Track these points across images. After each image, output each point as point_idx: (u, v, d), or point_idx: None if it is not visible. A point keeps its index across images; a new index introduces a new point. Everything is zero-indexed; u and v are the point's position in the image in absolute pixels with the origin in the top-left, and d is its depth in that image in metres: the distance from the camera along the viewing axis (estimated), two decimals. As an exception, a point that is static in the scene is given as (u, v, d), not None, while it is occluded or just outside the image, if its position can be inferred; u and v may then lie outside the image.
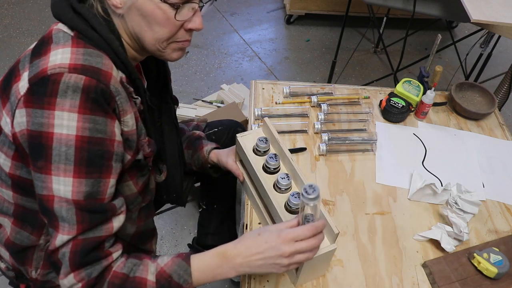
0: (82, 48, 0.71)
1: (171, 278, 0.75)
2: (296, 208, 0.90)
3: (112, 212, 0.76)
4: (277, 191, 0.95)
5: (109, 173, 0.74)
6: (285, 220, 0.86)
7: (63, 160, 0.69)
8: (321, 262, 0.89)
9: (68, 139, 0.68)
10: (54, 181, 0.70)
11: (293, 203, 0.89)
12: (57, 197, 0.71)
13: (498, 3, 1.60)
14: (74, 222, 0.72)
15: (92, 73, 0.69)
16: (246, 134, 1.04)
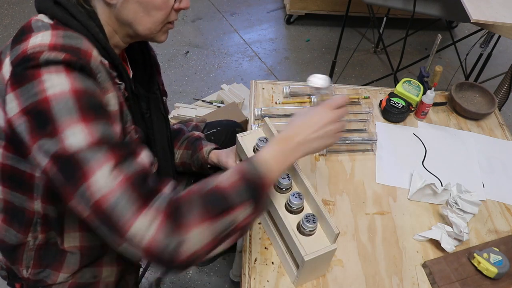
0: (62, 31, 0.72)
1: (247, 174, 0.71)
2: (297, 208, 0.90)
3: (133, 148, 0.71)
4: (277, 191, 0.94)
5: (113, 121, 0.71)
6: (285, 220, 0.87)
7: (66, 113, 0.65)
8: (321, 262, 0.88)
9: (64, 93, 0.66)
10: (66, 136, 0.65)
11: (294, 203, 0.89)
12: (73, 147, 0.64)
13: (498, 3, 1.60)
14: (102, 155, 0.64)
15: (72, 51, 0.69)
16: (247, 134, 1.04)
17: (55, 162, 0.66)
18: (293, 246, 0.85)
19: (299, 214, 0.91)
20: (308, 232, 0.87)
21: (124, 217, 0.62)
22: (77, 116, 0.66)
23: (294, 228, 0.87)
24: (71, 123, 0.65)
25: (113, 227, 0.63)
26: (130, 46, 0.90)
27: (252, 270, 0.94)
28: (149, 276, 1.63)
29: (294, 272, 0.89)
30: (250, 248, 0.98)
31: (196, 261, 0.66)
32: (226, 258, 1.71)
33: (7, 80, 0.69)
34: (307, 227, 0.86)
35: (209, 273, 1.67)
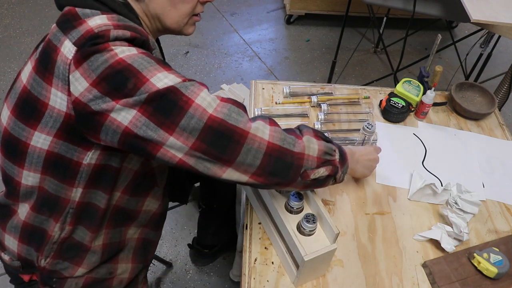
0: (116, 15, 0.76)
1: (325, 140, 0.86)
2: (297, 208, 0.90)
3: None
4: (277, 191, 0.94)
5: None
6: (285, 220, 0.87)
7: (147, 65, 0.70)
8: (321, 262, 0.89)
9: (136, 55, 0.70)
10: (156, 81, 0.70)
11: (294, 203, 0.89)
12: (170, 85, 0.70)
13: (498, 3, 1.60)
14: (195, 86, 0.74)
15: (134, 29, 0.74)
16: None
17: (149, 104, 0.68)
18: (293, 246, 0.85)
19: (299, 214, 0.91)
20: (308, 232, 0.87)
21: (241, 122, 0.73)
22: (158, 66, 0.71)
23: (294, 228, 0.87)
24: (156, 71, 0.70)
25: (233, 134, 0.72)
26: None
27: (252, 270, 0.94)
28: (149, 276, 1.63)
29: (294, 272, 0.89)
30: (250, 248, 0.98)
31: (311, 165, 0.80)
32: (226, 258, 1.71)
33: (71, 59, 0.70)
34: (307, 227, 0.85)
35: (209, 273, 1.67)
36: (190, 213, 1.84)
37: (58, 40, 0.74)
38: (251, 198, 1.05)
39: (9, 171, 0.84)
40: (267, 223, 0.98)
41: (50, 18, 2.81)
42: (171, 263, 1.68)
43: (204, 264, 1.68)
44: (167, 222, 1.80)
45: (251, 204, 1.07)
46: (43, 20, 2.79)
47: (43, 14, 2.84)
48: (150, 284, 1.62)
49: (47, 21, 2.79)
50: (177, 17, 0.84)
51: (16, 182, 0.84)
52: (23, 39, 2.60)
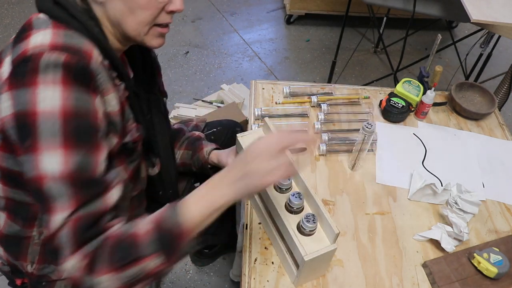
0: (63, 30, 0.72)
1: (161, 223, 0.70)
2: (297, 208, 0.90)
3: (106, 185, 0.71)
4: (277, 191, 0.94)
5: (98, 148, 0.71)
6: (285, 220, 0.87)
7: (50, 134, 0.66)
8: (321, 262, 0.88)
9: (53, 113, 0.66)
10: (43, 159, 0.66)
11: (294, 203, 0.89)
12: (46, 176, 0.66)
13: (498, 3, 1.60)
14: (67, 198, 0.67)
15: (73, 51, 0.69)
16: (247, 134, 1.04)
17: (30, 183, 0.69)
18: (293, 246, 0.85)
19: (299, 214, 0.90)
20: (308, 232, 0.87)
21: (64, 252, 0.68)
22: (60, 140, 0.67)
23: (294, 228, 0.87)
24: (53, 145, 0.67)
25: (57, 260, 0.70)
26: (130, 48, 0.90)
27: (252, 270, 0.94)
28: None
29: (294, 272, 0.89)
30: (250, 248, 0.98)
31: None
32: (226, 258, 1.71)
33: (6, 78, 0.69)
34: (307, 227, 0.85)
35: (209, 273, 1.67)
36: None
37: (5, 54, 0.74)
38: (250, 197, 1.05)
39: None
40: (267, 223, 0.97)
41: (50, 18, 2.81)
42: (171, 263, 1.68)
43: (204, 264, 1.68)
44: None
45: (251, 204, 1.07)
46: (43, 20, 2.79)
47: (43, 14, 2.84)
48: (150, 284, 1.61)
49: (47, 21, 2.79)
50: (136, 25, 0.77)
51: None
52: (23, 39, 2.60)
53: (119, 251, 0.68)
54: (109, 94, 0.76)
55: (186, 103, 2.24)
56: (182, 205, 0.71)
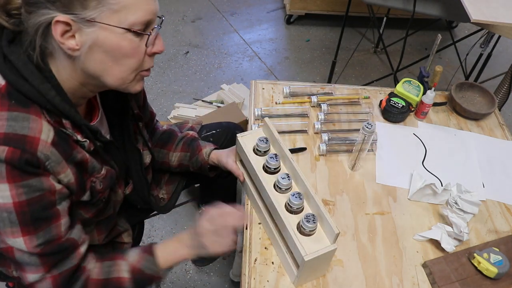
0: (6, 112, 0.67)
1: (142, 272, 0.86)
2: (297, 208, 0.90)
3: (74, 245, 0.79)
4: (277, 191, 0.94)
5: (58, 217, 0.75)
6: (285, 220, 0.87)
7: (8, 224, 0.69)
8: (321, 262, 0.88)
9: (6, 207, 0.67)
10: (8, 240, 0.72)
11: (294, 203, 0.89)
12: (15, 248, 0.72)
13: (498, 3, 1.60)
14: (39, 265, 0.75)
15: (16, 142, 0.65)
16: (247, 134, 1.04)
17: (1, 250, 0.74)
18: (293, 246, 0.85)
19: (299, 214, 0.90)
20: (308, 232, 0.87)
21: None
22: (19, 228, 0.70)
23: (294, 228, 0.87)
24: (13, 234, 0.70)
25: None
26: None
27: (252, 270, 0.94)
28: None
29: (294, 272, 0.89)
30: (250, 248, 0.98)
31: None
32: (226, 258, 1.71)
33: None
34: (307, 227, 0.85)
35: (209, 273, 1.67)
36: (190, 213, 1.84)
37: None
38: (251, 198, 1.05)
39: None
40: (267, 223, 0.97)
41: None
42: (171, 263, 1.68)
43: (204, 264, 1.68)
44: (167, 222, 1.80)
45: (251, 204, 1.07)
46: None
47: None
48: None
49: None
50: (121, 74, 0.73)
51: None
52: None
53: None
54: (61, 174, 0.73)
55: (186, 103, 2.24)
56: (157, 260, 0.88)
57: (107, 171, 0.86)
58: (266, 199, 0.95)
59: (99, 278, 0.83)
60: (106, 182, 0.87)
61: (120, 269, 0.85)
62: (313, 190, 0.91)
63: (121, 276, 0.84)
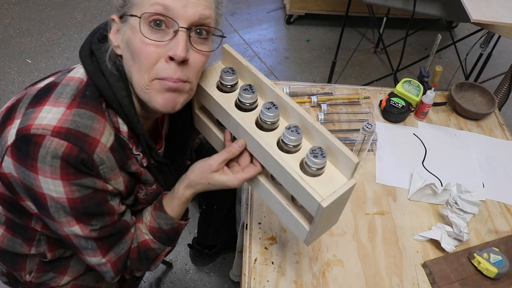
0: (75, 108, 0.67)
1: (161, 229, 0.85)
2: (295, 145, 0.70)
3: (126, 227, 0.81)
4: (263, 128, 0.74)
5: (111, 211, 0.76)
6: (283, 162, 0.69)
7: (62, 214, 0.70)
8: (338, 207, 0.72)
9: (60, 201, 0.68)
10: (64, 228, 0.73)
11: (291, 139, 0.68)
12: (72, 235, 0.74)
13: (498, 3, 1.60)
14: (96, 248, 0.77)
15: (76, 139, 0.65)
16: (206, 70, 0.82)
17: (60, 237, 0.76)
18: (302, 192, 0.67)
19: (297, 153, 0.72)
20: (316, 172, 0.68)
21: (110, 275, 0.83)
22: (74, 218, 0.72)
23: (298, 170, 0.69)
24: (68, 223, 0.72)
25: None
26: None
27: (252, 270, 0.94)
28: (149, 276, 1.63)
29: (306, 228, 0.72)
30: (250, 248, 0.98)
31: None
32: (226, 258, 1.71)
33: (9, 145, 0.67)
34: (315, 164, 0.66)
35: (209, 273, 1.67)
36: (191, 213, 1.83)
37: (19, 111, 0.69)
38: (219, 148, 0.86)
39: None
40: (257, 181, 0.78)
41: (50, 18, 2.81)
42: (171, 263, 1.67)
43: (204, 264, 1.68)
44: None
45: (251, 204, 1.06)
46: (43, 20, 2.79)
47: (43, 14, 2.84)
48: (150, 284, 1.62)
49: (47, 21, 2.79)
50: (137, 76, 0.69)
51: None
52: (23, 39, 2.60)
53: (143, 258, 0.85)
54: (113, 180, 0.74)
55: (186, 103, 2.24)
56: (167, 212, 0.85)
57: (158, 188, 0.87)
58: (250, 143, 0.75)
59: (133, 246, 0.84)
60: (151, 196, 0.87)
61: (141, 233, 0.85)
62: (311, 118, 0.71)
63: (145, 238, 0.84)
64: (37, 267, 0.90)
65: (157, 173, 0.85)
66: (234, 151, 0.76)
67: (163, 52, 0.67)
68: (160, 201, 0.86)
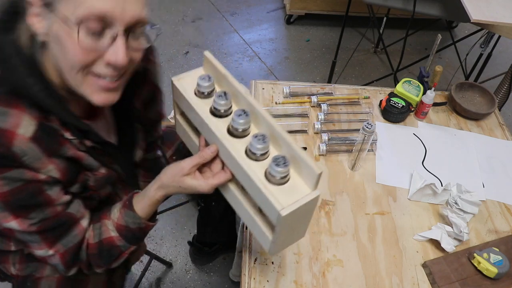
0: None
1: (127, 227, 0.84)
2: (261, 153, 0.71)
3: (72, 219, 0.79)
4: (233, 135, 0.75)
5: (50, 201, 0.73)
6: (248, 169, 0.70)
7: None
8: (301, 217, 0.71)
9: None
10: (2, 223, 0.71)
11: (257, 147, 0.70)
12: (13, 230, 0.73)
13: (498, 3, 1.60)
14: (40, 241, 0.76)
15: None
16: (184, 76, 0.83)
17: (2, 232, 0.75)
18: (264, 200, 0.67)
19: (264, 161, 0.72)
20: (279, 180, 0.68)
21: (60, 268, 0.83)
22: (8, 213, 0.70)
23: (262, 177, 0.69)
24: (5, 219, 0.70)
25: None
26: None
27: (252, 270, 0.94)
28: (149, 276, 1.63)
29: (269, 236, 0.72)
30: (250, 248, 0.98)
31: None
32: (226, 258, 1.71)
33: None
34: (277, 172, 0.67)
35: (209, 273, 1.67)
36: (190, 213, 1.84)
37: None
38: (194, 151, 0.87)
39: None
40: (227, 188, 0.79)
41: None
42: (171, 263, 1.67)
43: (203, 263, 1.68)
44: (167, 222, 1.80)
45: None
46: None
47: None
48: (150, 284, 1.62)
49: None
50: (68, 68, 0.66)
51: None
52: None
53: (105, 255, 0.85)
54: (42, 169, 0.70)
55: (186, 103, 2.24)
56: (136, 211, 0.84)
57: (108, 172, 0.85)
58: (221, 149, 0.76)
59: (94, 241, 0.83)
60: (100, 182, 0.84)
61: (107, 229, 0.84)
62: (279, 127, 0.72)
63: (111, 235, 0.84)
64: (19, 258, 0.91)
65: (102, 156, 0.81)
66: (206, 156, 0.77)
67: (100, 54, 0.65)
68: (130, 198, 0.85)
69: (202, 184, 0.77)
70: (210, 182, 0.77)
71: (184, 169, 0.77)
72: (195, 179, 0.78)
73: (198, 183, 0.77)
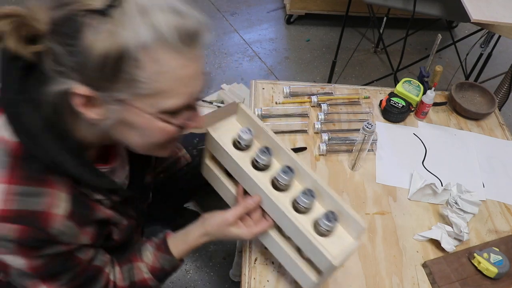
0: (18, 186, 0.61)
1: (162, 268, 0.86)
2: (306, 207, 0.78)
3: (99, 270, 0.78)
4: (278, 188, 0.81)
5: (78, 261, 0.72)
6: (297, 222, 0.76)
7: (26, 279, 0.68)
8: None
9: (22, 269, 0.65)
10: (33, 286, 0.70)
11: (304, 201, 0.77)
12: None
13: (498, 3, 1.60)
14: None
15: (27, 220, 0.60)
16: (219, 126, 0.86)
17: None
18: (314, 251, 0.75)
19: (307, 214, 0.80)
20: (327, 232, 0.77)
21: None
22: (38, 280, 0.69)
23: (311, 230, 0.77)
24: (33, 285, 0.69)
25: None
26: None
27: (252, 270, 0.94)
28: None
29: (311, 278, 0.79)
30: (250, 248, 0.98)
31: None
32: (226, 258, 1.71)
33: None
34: (327, 226, 0.75)
35: (209, 273, 1.66)
36: (190, 213, 1.84)
37: None
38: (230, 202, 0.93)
39: None
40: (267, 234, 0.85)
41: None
42: (171, 263, 1.67)
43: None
44: (167, 222, 1.80)
45: None
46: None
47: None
48: (150, 284, 1.61)
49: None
50: (147, 147, 0.68)
51: None
52: None
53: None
54: (79, 241, 0.70)
55: (186, 103, 2.24)
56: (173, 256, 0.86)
57: (129, 222, 0.85)
58: (265, 200, 0.81)
59: (125, 284, 0.84)
60: (123, 233, 0.84)
61: (141, 271, 0.85)
62: (324, 182, 0.78)
63: (144, 277, 0.85)
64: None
65: (125, 208, 0.82)
66: (249, 207, 0.82)
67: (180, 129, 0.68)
68: (164, 242, 0.87)
69: (245, 232, 0.82)
70: (254, 230, 0.82)
71: (229, 220, 0.81)
72: (239, 228, 0.83)
73: (242, 232, 0.82)
